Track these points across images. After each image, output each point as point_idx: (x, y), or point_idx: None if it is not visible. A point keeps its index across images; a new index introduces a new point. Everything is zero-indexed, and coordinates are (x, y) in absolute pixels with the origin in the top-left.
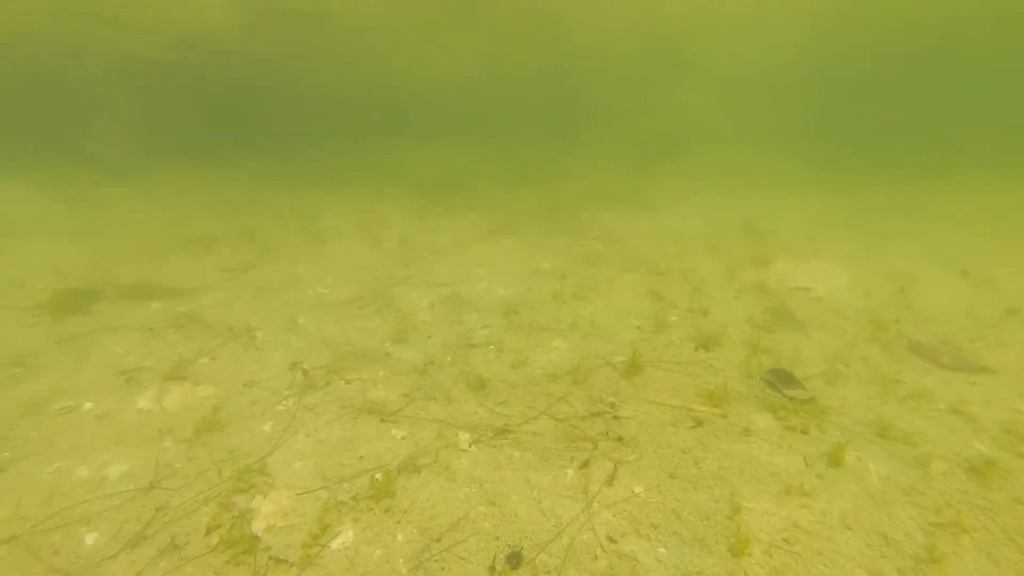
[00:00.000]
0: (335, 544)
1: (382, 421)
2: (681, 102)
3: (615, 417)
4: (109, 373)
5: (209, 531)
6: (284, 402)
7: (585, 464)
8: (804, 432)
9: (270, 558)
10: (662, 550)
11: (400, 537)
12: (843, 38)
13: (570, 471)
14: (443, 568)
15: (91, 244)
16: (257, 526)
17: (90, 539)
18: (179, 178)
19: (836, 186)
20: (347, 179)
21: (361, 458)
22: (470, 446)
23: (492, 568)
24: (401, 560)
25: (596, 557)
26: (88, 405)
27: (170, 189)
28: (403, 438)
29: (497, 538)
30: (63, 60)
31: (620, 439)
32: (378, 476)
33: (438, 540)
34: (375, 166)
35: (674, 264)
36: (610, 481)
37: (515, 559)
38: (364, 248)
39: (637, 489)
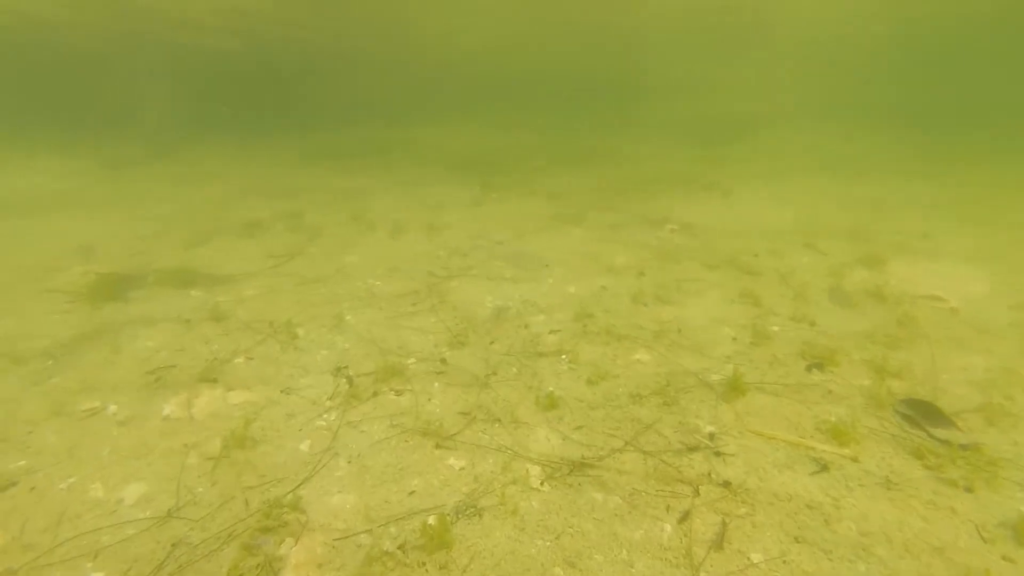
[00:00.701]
0: None
1: (437, 447)
2: (752, 75)
3: (716, 453)
4: (139, 371)
5: None
6: (325, 415)
7: (685, 516)
8: (969, 490)
9: None
10: None
11: None
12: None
13: (667, 525)
14: None
15: (134, 224)
16: None
17: None
18: (222, 157)
19: (938, 172)
20: (392, 158)
21: (412, 494)
22: (542, 484)
23: None
24: None
25: None
26: (112, 408)
27: (213, 167)
28: (462, 469)
29: None
30: (109, 40)
31: (726, 484)
32: (431, 521)
33: None
34: (419, 144)
35: (767, 262)
36: (719, 543)
37: None
38: (417, 237)
39: (755, 557)
